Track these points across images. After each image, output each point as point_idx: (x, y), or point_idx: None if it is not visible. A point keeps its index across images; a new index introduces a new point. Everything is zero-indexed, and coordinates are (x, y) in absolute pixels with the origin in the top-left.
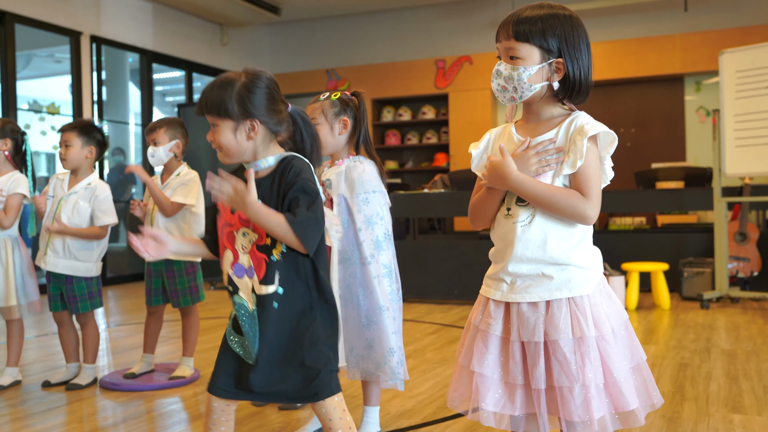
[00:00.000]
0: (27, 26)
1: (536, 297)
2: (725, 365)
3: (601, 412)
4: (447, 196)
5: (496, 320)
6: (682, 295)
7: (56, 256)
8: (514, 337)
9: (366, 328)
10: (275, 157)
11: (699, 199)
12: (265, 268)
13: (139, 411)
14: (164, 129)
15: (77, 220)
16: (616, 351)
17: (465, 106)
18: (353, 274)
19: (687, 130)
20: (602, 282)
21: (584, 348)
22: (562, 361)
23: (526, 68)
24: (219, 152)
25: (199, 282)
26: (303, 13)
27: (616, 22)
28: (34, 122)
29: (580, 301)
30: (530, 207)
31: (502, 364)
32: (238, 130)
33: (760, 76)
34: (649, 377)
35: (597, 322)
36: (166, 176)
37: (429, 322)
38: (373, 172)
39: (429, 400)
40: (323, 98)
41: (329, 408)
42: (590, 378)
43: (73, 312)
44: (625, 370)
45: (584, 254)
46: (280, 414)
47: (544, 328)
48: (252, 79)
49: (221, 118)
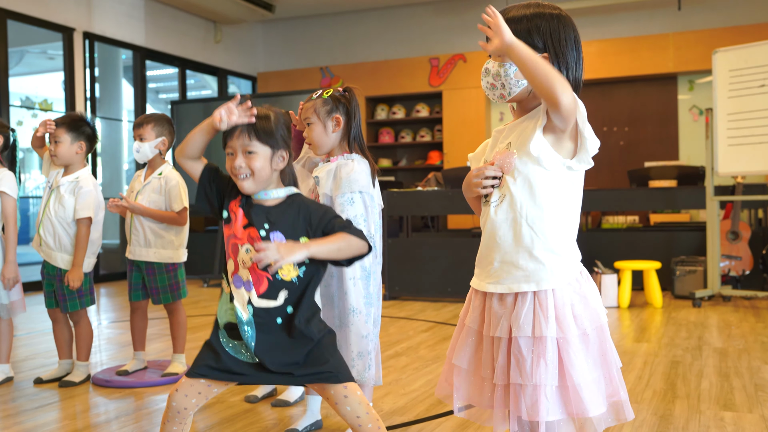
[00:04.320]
0: (19, 22)
1: (505, 288)
2: (717, 363)
3: (551, 415)
4: (440, 194)
5: (474, 314)
6: (675, 294)
7: (49, 247)
8: (485, 332)
9: (338, 329)
10: (285, 191)
11: (691, 197)
12: (267, 285)
13: (131, 408)
14: (151, 125)
15: (62, 213)
16: (580, 354)
17: (459, 104)
18: (332, 275)
19: (680, 128)
20: (580, 281)
21: (541, 348)
22: (519, 359)
23: (512, 64)
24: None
25: (180, 279)
26: (297, 11)
27: (610, 20)
28: (26, 119)
29: (544, 297)
30: (502, 187)
31: (476, 357)
32: (274, 157)
33: (753, 75)
34: (622, 387)
35: (561, 323)
36: (150, 172)
37: (422, 319)
38: (362, 171)
39: (422, 398)
40: (315, 97)
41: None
42: (543, 378)
43: (63, 310)
44: (590, 376)
45: (557, 243)
46: (274, 411)
47: (508, 324)
48: (285, 115)
49: (263, 144)
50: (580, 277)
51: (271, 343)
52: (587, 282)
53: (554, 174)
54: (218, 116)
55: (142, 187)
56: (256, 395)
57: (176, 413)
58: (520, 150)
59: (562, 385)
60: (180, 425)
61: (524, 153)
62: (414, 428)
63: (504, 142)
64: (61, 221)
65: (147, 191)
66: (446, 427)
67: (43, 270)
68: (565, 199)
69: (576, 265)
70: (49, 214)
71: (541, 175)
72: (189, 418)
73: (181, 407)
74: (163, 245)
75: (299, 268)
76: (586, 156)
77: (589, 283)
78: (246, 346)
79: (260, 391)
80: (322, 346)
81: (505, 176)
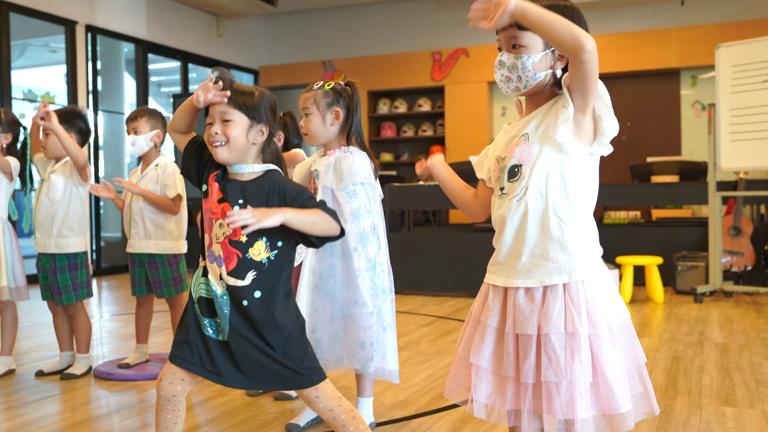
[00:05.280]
0: (22, 15)
1: (536, 282)
2: (718, 358)
3: (586, 412)
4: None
5: (493, 311)
6: (676, 289)
7: (45, 235)
8: (508, 329)
9: (336, 320)
10: (262, 167)
11: (694, 193)
12: (236, 262)
13: (132, 400)
14: (145, 118)
15: (53, 194)
16: (610, 350)
17: (461, 98)
18: (332, 266)
19: (682, 124)
20: (605, 278)
21: (575, 344)
22: (552, 356)
23: (530, 56)
24: (218, 146)
25: (182, 272)
26: (299, 4)
27: (613, 15)
28: (28, 112)
29: (575, 291)
30: (522, 179)
31: (497, 356)
32: (252, 129)
33: (755, 71)
34: (648, 382)
35: (592, 318)
36: (145, 166)
37: (423, 314)
38: (363, 164)
39: (423, 392)
40: (316, 87)
41: (324, 398)
42: (578, 376)
43: (57, 303)
44: (619, 371)
45: (586, 232)
46: (275, 404)
47: (537, 321)
48: (272, 96)
49: (242, 113)
50: (604, 271)
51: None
52: (609, 276)
53: (578, 162)
54: (195, 96)
55: (139, 179)
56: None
57: (167, 401)
58: (543, 140)
59: (594, 382)
60: (174, 412)
61: (548, 142)
62: (415, 422)
63: (519, 135)
64: (53, 202)
65: (144, 183)
66: (447, 420)
67: (38, 263)
68: (587, 187)
69: (600, 254)
70: (42, 199)
71: (566, 163)
72: (181, 404)
73: (169, 395)
74: (163, 236)
75: (271, 250)
76: (605, 140)
77: (610, 278)
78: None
79: None
80: (295, 339)
81: (525, 168)
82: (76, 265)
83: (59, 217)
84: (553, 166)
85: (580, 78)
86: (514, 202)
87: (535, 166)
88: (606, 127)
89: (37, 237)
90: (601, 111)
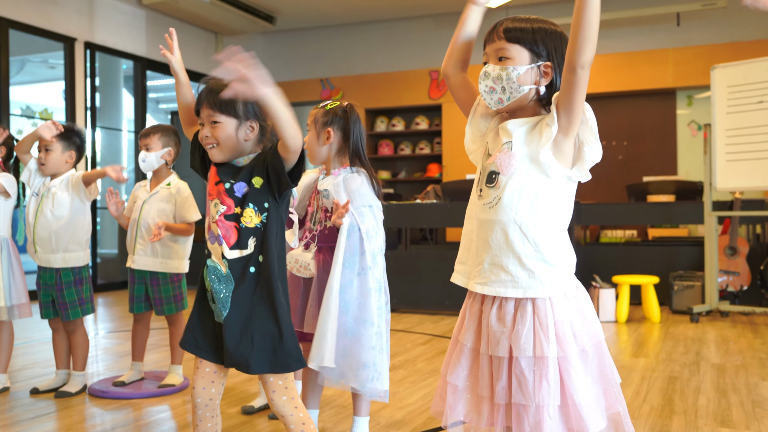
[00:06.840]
0: (21, 32)
1: (492, 291)
2: (714, 379)
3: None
4: (439, 207)
5: (469, 331)
6: (672, 309)
7: (47, 250)
8: (483, 350)
9: (344, 337)
10: (255, 154)
11: (690, 212)
12: (236, 234)
13: (127, 419)
14: (158, 135)
15: (59, 211)
16: (580, 372)
17: (458, 117)
18: (349, 282)
19: (678, 143)
20: (578, 298)
21: (543, 368)
22: (521, 379)
23: (515, 68)
24: (210, 148)
25: (183, 290)
26: (297, 23)
27: (609, 35)
28: (26, 128)
29: (543, 315)
30: (497, 188)
31: (473, 375)
32: (240, 128)
33: (751, 91)
34: (621, 402)
35: (561, 341)
36: (155, 183)
37: (420, 332)
38: (365, 185)
39: (419, 411)
40: (320, 106)
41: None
42: (546, 400)
43: (64, 318)
44: (589, 392)
45: (549, 253)
46: (270, 423)
47: (508, 343)
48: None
49: (226, 116)
50: (577, 292)
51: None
52: (584, 297)
53: (555, 183)
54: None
55: (149, 196)
56: (253, 406)
57: (204, 407)
58: (524, 155)
59: (563, 403)
60: (213, 419)
61: (529, 158)
62: None
63: (503, 141)
64: (59, 219)
65: (155, 201)
66: None
67: (39, 281)
68: (560, 209)
69: (570, 278)
70: (45, 215)
71: (542, 183)
72: (218, 409)
73: (206, 399)
74: (170, 255)
75: (261, 214)
76: (585, 166)
77: (585, 298)
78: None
79: (257, 401)
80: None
81: (502, 177)
82: (81, 280)
83: (67, 232)
84: (529, 183)
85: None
86: (487, 208)
87: (511, 179)
88: (588, 153)
89: (39, 252)
90: (585, 137)
